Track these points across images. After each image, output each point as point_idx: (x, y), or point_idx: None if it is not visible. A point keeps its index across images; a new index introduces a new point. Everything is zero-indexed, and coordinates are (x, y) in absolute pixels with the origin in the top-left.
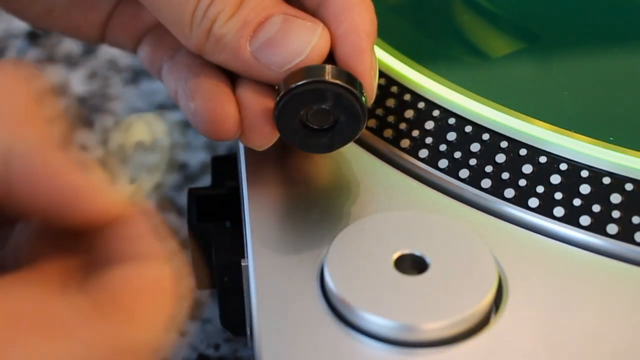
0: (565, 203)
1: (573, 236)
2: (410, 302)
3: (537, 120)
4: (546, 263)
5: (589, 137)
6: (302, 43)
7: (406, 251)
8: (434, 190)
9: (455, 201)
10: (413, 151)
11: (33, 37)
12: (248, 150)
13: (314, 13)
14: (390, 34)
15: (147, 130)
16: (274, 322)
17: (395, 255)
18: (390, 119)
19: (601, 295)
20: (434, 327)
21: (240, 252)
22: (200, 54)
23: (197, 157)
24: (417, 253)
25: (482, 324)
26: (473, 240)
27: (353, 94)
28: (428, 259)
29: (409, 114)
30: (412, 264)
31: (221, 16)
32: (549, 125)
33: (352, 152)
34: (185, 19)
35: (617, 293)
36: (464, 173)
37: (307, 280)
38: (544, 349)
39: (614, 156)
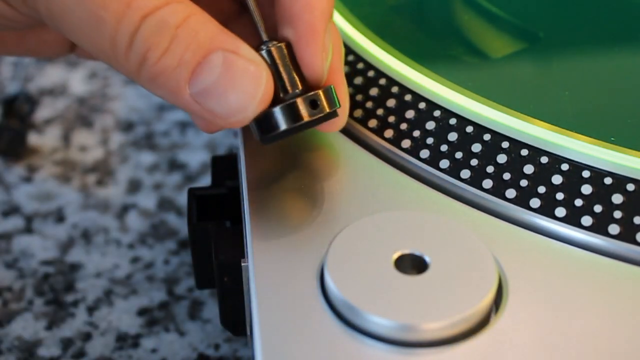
0: (567, 203)
1: (574, 236)
2: (410, 302)
3: (539, 121)
4: (547, 263)
5: (591, 137)
6: (247, 97)
7: (406, 251)
8: (435, 191)
9: (456, 201)
10: (414, 151)
11: None
12: (248, 150)
13: None
14: (391, 34)
15: None
16: (274, 322)
17: (395, 255)
18: (391, 119)
19: (602, 295)
20: (434, 327)
21: (240, 252)
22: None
23: (197, 157)
24: (417, 253)
25: (482, 324)
26: (473, 240)
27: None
28: (428, 259)
29: (410, 114)
30: (412, 264)
31: (151, 54)
32: (550, 125)
33: (353, 152)
34: (104, 42)
35: (618, 293)
36: (465, 173)
37: (307, 280)
38: (544, 349)
39: (616, 156)
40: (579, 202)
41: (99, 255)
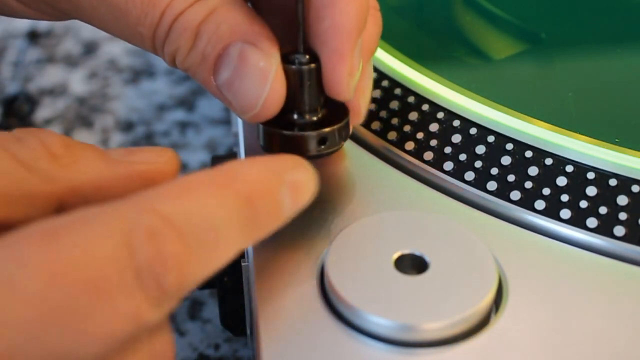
0: (572, 205)
1: (579, 238)
2: (410, 302)
3: (543, 122)
4: (547, 263)
5: (595, 138)
6: (253, 94)
7: (406, 251)
8: (439, 193)
9: (460, 203)
10: (418, 154)
11: (33, 37)
12: (248, 151)
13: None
14: (394, 36)
15: None
16: (274, 322)
17: (395, 255)
18: (395, 121)
19: (607, 296)
20: (434, 327)
21: (240, 252)
22: None
23: (197, 157)
24: (417, 253)
25: (482, 324)
26: (473, 241)
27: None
28: (428, 259)
29: (414, 116)
30: (412, 264)
31: (179, 53)
32: (554, 127)
33: (355, 153)
34: (148, 48)
35: (623, 295)
36: (470, 175)
37: (307, 280)
38: (544, 350)
39: (620, 158)
40: (584, 204)
41: None
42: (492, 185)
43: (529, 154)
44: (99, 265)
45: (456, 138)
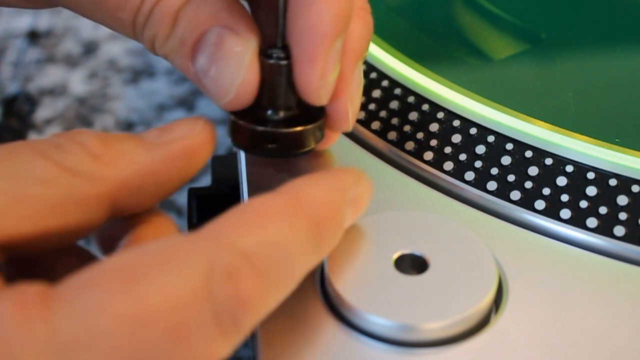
0: (572, 205)
1: (580, 238)
2: (410, 302)
3: (543, 122)
4: (547, 263)
5: (595, 138)
6: (228, 81)
7: (406, 251)
8: (439, 193)
9: (460, 203)
10: (418, 154)
11: (33, 37)
12: None
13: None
14: (394, 36)
15: None
16: (274, 322)
17: (395, 255)
18: (395, 121)
19: (607, 296)
20: (434, 327)
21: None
22: None
23: None
24: (417, 253)
25: (482, 324)
26: (473, 240)
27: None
28: (428, 259)
29: (414, 116)
30: (412, 264)
31: (158, 38)
32: (554, 127)
33: (355, 154)
34: (128, 34)
35: (623, 295)
36: (470, 175)
37: (307, 281)
38: (544, 350)
39: (620, 158)
40: (584, 204)
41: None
42: (492, 185)
43: (529, 154)
44: (180, 312)
45: (456, 138)
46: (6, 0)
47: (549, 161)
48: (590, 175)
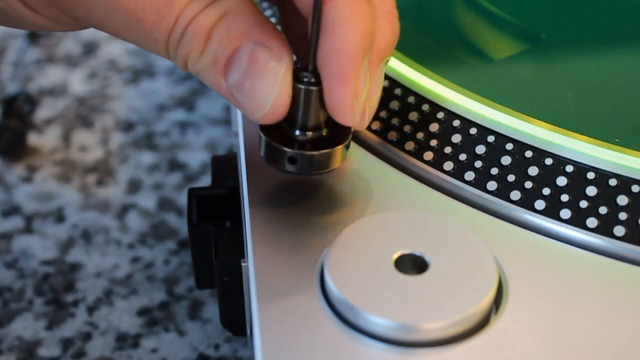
0: (572, 205)
1: (579, 238)
2: (410, 302)
3: (543, 122)
4: (547, 263)
5: (595, 138)
6: (264, 95)
7: (406, 251)
8: (439, 193)
9: (460, 203)
10: (418, 154)
11: (33, 37)
12: (248, 151)
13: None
14: None
15: None
16: (274, 322)
17: (395, 255)
18: (395, 121)
19: (607, 296)
20: (434, 327)
21: (240, 252)
22: None
23: (197, 157)
24: (417, 253)
25: (482, 324)
26: (473, 240)
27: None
28: (428, 259)
29: (414, 116)
30: (412, 264)
31: (191, 56)
32: (554, 127)
33: (355, 153)
34: (162, 53)
35: (623, 295)
36: (470, 175)
37: (307, 280)
38: (544, 350)
39: (620, 158)
40: (584, 204)
41: (99, 255)
42: (492, 185)
43: (529, 154)
44: None
45: (456, 138)
46: (36, 23)
47: (549, 161)
48: (590, 175)
